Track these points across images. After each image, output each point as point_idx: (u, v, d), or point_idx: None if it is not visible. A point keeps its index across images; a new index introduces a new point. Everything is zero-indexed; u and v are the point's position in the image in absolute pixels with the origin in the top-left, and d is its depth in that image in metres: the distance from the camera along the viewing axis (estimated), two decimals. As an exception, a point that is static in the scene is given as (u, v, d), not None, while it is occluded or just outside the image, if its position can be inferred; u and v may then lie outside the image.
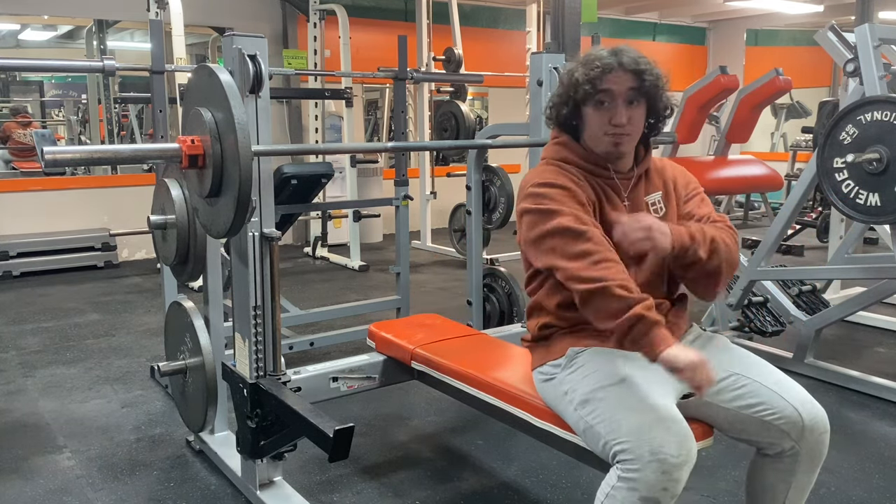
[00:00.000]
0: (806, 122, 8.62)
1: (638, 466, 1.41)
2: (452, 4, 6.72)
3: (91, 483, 2.42)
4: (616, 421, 1.49)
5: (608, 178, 1.72)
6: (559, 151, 1.75)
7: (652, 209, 1.76)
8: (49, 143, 1.73)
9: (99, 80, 7.38)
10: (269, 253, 2.03)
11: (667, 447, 1.41)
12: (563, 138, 1.76)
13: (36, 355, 3.78)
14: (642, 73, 1.63)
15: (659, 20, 9.89)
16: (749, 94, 4.03)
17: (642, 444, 1.42)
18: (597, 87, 1.63)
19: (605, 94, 1.64)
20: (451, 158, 7.76)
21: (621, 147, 1.68)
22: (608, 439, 1.49)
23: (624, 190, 1.73)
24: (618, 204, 1.71)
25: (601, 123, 1.66)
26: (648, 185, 1.78)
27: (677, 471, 1.40)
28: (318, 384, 2.27)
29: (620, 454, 1.45)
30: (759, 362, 1.68)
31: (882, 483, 2.40)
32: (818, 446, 1.60)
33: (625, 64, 1.62)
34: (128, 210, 6.07)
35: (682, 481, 1.42)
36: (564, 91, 1.70)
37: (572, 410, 1.61)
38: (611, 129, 1.65)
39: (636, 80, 1.63)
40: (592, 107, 1.67)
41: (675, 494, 1.42)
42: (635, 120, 1.67)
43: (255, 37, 1.99)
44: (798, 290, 3.59)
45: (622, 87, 1.63)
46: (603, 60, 1.63)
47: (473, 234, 3.15)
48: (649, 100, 1.67)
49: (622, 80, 1.63)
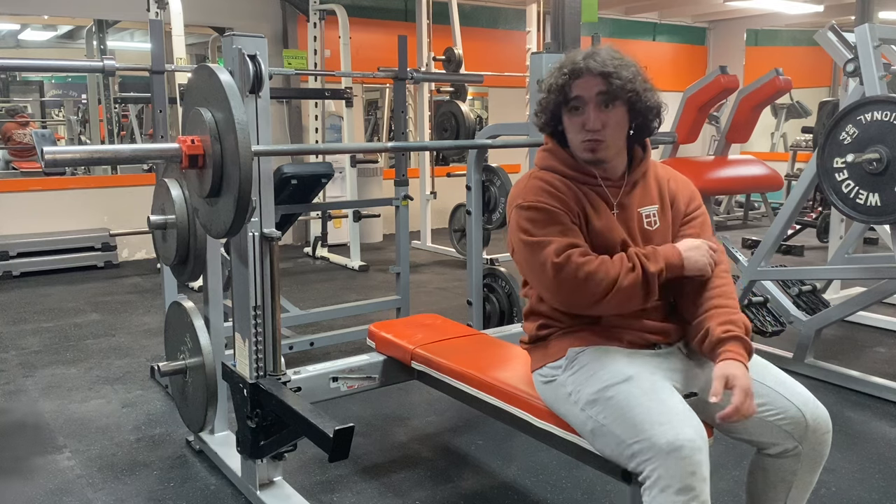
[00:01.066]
0: (806, 122, 8.62)
1: (658, 463, 1.40)
2: (452, 4, 6.72)
3: (91, 483, 2.42)
4: (630, 418, 1.48)
5: (595, 185, 1.68)
6: (546, 159, 1.73)
7: (645, 221, 1.71)
8: (49, 143, 1.73)
9: (99, 80, 7.38)
10: (269, 253, 2.03)
11: (682, 433, 1.40)
12: (550, 145, 1.73)
13: (36, 355, 3.78)
14: (610, 75, 1.57)
15: (659, 20, 9.89)
16: (749, 94, 4.03)
17: (659, 437, 1.41)
18: (567, 95, 1.61)
19: (576, 100, 1.61)
20: (451, 158, 7.76)
21: (598, 154, 1.64)
22: (624, 438, 1.47)
23: (614, 197, 1.68)
24: (605, 213, 1.66)
25: (577, 130, 1.64)
26: (645, 194, 1.72)
27: (699, 453, 1.39)
28: (318, 384, 2.27)
29: (638, 455, 1.44)
30: (761, 362, 1.67)
31: (882, 483, 2.40)
32: (820, 446, 1.59)
33: (591, 68, 1.58)
34: (128, 210, 6.08)
35: (705, 464, 1.41)
36: (541, 99, 1.68)
37: (579, 411, 1.61)
38: (585, 135, 1.62)
39: (605, 82, 1.58)
40: (567, 114, 1.65)
41: (705, 477, 1.40)
42: (611, 124, 1.62)
43: (255, 37, 1.99)
44: (798, 290, 3.59)
45: (590, 91, 1.59)
46: (571, 66, 1.60)
47: (473, 234, 3.15)
48: (627, 102, 1.61)
49: (590, 84, 1.59)
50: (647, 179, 1.74)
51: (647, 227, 1.70)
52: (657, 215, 1.72)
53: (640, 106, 1.63)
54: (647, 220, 1.71)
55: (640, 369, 1.56)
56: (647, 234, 1.70)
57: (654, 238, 1.71)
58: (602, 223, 1.65)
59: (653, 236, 1.71)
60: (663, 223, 1.73)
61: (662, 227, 1.73)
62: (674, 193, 1.76)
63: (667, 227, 1.73)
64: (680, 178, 1.82)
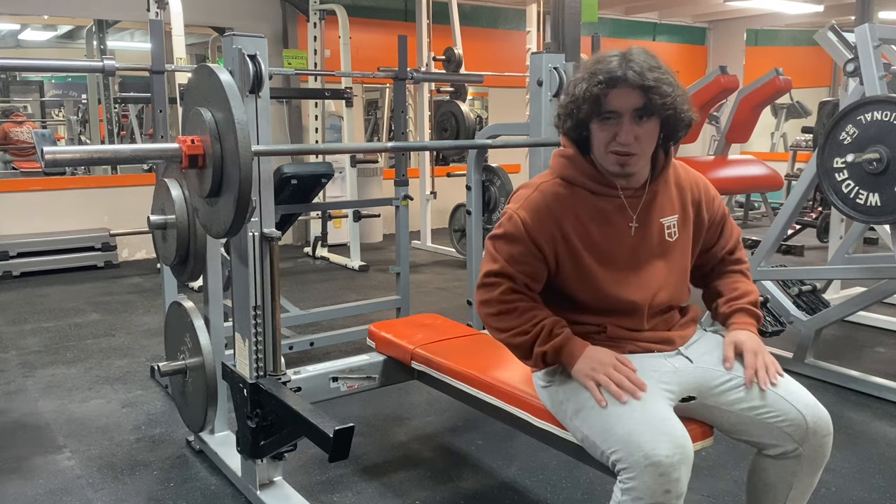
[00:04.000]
0: (806, 122, 8.61)
1: (634, 474, 1.40)
2: (452, 4, 6.72)
3: (91, 483, 2.42)
4: (607, 430, 1.48)
5: (614, 196, 1.62)
6: (564, 167, 1.66)
7: (666, 233, 1.66)
8: (49, 143, 1.73)
9: (99, 80, 7.38)
10: (269, 253, 2.03)
11: (659, 449, 1.39)
12: (571, 151, 1.65)
13: (36, 355, 3.78)
14: (650, 90, 1.48)
15: (659, 20, 9.89)
16: (749, 94, 4.04)
17: (635, 451, 1.41)
18: (601, 106, 1.52)
19: (610, 113, 1.52)
20: (451, 158, 7.76)
21: (627, 168, 1.57)
22: (603, 448, 1.49)
23: (633, 209, 1.63)
24: (618, 226, 1.62)
25: (606, 140, 1.55)
26: (665, 203, 1.67)
27: (675, 471, 1.39)
28: (318, 384, 2.27)
29: (618, 463, 1.45)
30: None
31: (882, 483, 2.40)
32: (821, 449, 1.59)
33: (630, 80, 1.47)
34: (128, 210, 6.07)
35: (682, 481, 1.41)
36: (568, 103, 1.58)
37: (568, 420, 1.62)
38: (616, 146, 1.54)
39: (643, 97, 1.49)
40: (597, 122, 1.56)
41: (680, 494, 1.41)
42: (644, 138, 1.54)
43: (255, 37, 1.98)
44: (798, 290, 3.59)
45: (627, 105, 1.50)
46: (608, 74, 1.49)
47: (473, 234, 3.15)
48: (661, 117, 1.54)
49: (628, 97, 1.50)
50: (668, 186, 1.69)
51: (667, 238, 1.67)
52: (677, 226, 1.68)
53: (672, 120, 1.56)
54: (667, 231, 1.67)
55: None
56: (666, 245, 1.67)
57: (674, 250, 1.68)
58: (607, 235, 1.62)
59: (672, 248, 1.68)
60: (683, 234, 1.70)
61: (682, 238, 1.70)
62: (697, 202, 1.72)
63: (686, 238, 1.71)
64: (699, 180, 1.76)
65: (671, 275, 1.69)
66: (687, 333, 1.73)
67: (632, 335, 1.66)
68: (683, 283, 1.74)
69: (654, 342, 1.67)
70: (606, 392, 1.52)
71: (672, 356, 1.67)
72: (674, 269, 1.70)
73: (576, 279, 1.64)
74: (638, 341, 1.66)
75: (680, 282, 1.72)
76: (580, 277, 1.63)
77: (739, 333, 1.68)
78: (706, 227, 1.75)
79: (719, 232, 1.80)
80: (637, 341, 1.66)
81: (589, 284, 1.63)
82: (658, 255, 1.67)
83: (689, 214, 1.71)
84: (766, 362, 1.61)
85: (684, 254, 1.72)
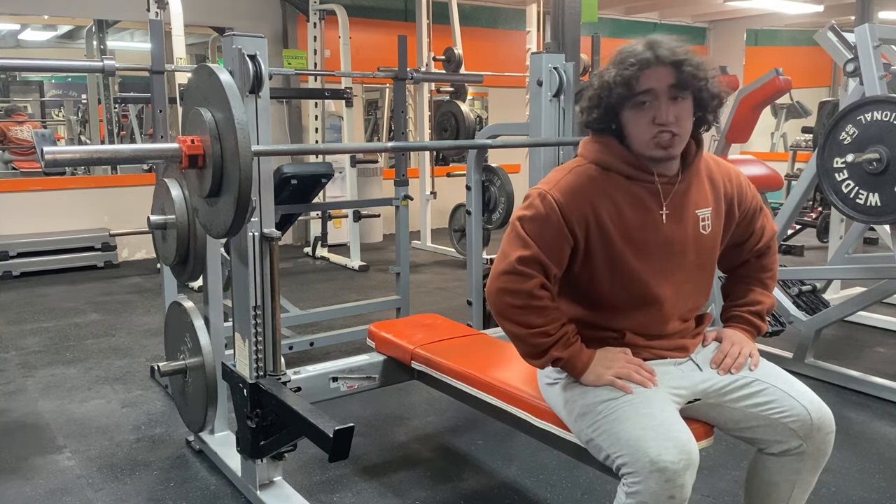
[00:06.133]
0: (806, 122, 8.61)
1: (640, 479, 1.41)
2: (452, 4, 6.72)
3: (91, 483, 2.42)
4: (614, 434, 1.48)
5: (650, 182, 1.58)
6: (598, 152, 1.60)
7: (701, 225, 1.63)
8: (49, 142, 1.73)
9: (99, 80, 7.38)
10: (269, 253, 2.03)
11: (665, 455, 1.39)
12: (606, 139, 1.60)
13: (36, 355, 3.78)
14: (681, 63, 1.47)
15: (659, 20, 9.89)
16: (749, 94, 4.03)
17: (641, 456, 1.41)
18: (633, 89, 1.49)
19: (644, 93, 1.49)
20: (451, 158, 7.75)
21: (672, 150, 1.53)
22: (609, 452, 1.49)
23: (666, 196, 1.58)
24: (656, 214, 1.58)
25: (645, 125, 1.51)
26: (700, 194, 1.63)
27: (680, 477, 1.39)
28: (318, 384, 2.27)
29: (623, 467, 1.45)
30: (766, 363, 1.68)
31: (882, 483, 2.40)
32: (824, 446, 1.60)
33: (661, 57, 1.47)
34: (128, 210, 6.07)
35: (687, 486, 1.41)
36: (595, 94, 1.55)
37: (573, 421, 1.62)
38: (656, 129, 1.50)
39: (676, 72, 1.48)
40: (632, 108, 1.52)
41: (684, 499, 1.41)
42: (682, 118, 1.51)
43: (255, 37, 1.99)
44: (798, 290, 3.59)
45: (662, 83, 1.48)
46: (637, 56, 1.48)
47: (473, 234, 3.15)
48: (694, 92, 1.51)
49: (661, 75, 1.48)
50: (701, 178, 1.65)
51: (702, 231, 1.64)
52: (710, 218, 1.65)
53: (705, 96, 1.53)
54: (702, 224, 1.63)
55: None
56: (700, 238, 1.64)
57: (706, 242, 1.65)
58: (642, 221, 1.57)
59: (705, 241, 1.65)
60: (715, 226, 1.66)
61: (714, 231, 1.66)
62: (730, 196, 1.69)
63: (718, 231, 1.67)
64: (733, 173, 1.73)
65: (701, 270, 1.67)
66: (699, 340, 1.73)
67: (649, 343, 1.64)
68: (710, 281, 1.72)
69: (668, 350, 1.66)
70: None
71: (682, 362, 1.67)
72: (705, 264, 1.67)
73: (605, 268, 1.58)
74: (654, 349, 1.64)
75: (707, 278, 1.71)
76: (610, 266, 1.58)
77: (728, 330, 1.75)
78: (737, 221, 1.72)
79: (750, 228, 1.76)
80: (653, 349, 1.64)
81: (618, 273, 1.58)
82: (692, 248, 1.63)
83: (721, 208, 1.67)
84: (742, 353, 1.65)
85: (715, 247, 1.69)
